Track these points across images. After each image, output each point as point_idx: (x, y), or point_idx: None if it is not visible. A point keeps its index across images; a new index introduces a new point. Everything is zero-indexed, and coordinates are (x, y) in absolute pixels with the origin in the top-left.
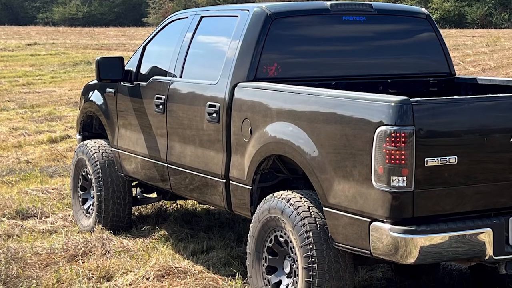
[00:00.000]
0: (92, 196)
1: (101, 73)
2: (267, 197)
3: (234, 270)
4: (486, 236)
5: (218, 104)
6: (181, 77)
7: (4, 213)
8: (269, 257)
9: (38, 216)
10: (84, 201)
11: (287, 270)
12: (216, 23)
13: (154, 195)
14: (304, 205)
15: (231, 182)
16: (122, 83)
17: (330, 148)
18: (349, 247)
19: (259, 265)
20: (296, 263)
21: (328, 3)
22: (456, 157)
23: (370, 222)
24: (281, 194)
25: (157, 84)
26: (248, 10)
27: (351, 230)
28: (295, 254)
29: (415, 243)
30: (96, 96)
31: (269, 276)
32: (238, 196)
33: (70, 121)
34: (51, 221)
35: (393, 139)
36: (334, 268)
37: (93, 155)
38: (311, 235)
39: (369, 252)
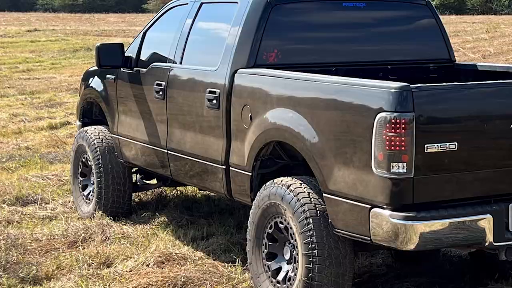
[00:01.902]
0: (92, 182)
1: (101, 60)
2: (267, 184)
3: (234, 257)
4: (486, 222)
5: (218, 91)
6: (181, 63)
7: (4, 200)
8: (269, 243)
9: (38, 203)
10: (84, 187)
11: (287, 256)
12: (216, 9)
13: (154, 181)
14: (304, 192)
15: (231, 168)
16: (122, 69)
17: (330, 134)
18: (349, 233)
19: (259, 252)
20: (296, 249)
21: None
22: (456, 143)
23: (370, 209)
24: (281, 181)
25: (157, 70)
26: None
27: (351, 216)
28: (295, 240)
29: (415, 229)
30: (96, 83)
31: (269, 263)
32: (238, 183)
33: (70, 108)
34: (51, 208)
35: (393, 125)
36: (334, 255)
37: (93, 141)
38: (311, 221)
39: (369, 238)
